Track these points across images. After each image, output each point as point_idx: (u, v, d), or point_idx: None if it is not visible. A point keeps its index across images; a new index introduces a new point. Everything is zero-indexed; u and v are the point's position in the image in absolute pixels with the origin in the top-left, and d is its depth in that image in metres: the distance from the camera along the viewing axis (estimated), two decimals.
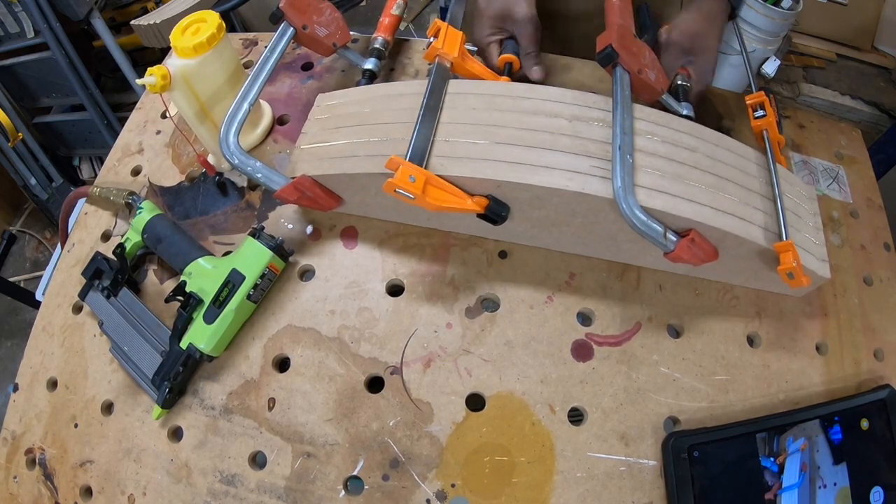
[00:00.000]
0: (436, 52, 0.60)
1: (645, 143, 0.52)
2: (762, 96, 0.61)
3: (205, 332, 0.54)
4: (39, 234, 1.90)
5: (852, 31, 1.64)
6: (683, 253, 0.50)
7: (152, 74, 0.54)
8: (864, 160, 0.72)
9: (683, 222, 0.49)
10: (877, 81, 1.63)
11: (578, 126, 0.52)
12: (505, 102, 0.54)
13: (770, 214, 0.52)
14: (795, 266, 0.49)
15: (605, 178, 0.49)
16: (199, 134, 0.63)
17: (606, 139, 0.51)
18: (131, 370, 0.56)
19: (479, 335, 0.56)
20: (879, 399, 0.52)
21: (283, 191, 0.55)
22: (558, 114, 0.53)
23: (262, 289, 0.57)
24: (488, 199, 0.52)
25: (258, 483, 0.51)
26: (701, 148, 0.53)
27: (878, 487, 0.49)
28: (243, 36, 0.81)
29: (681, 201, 0.49)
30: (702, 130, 0.54)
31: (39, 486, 0.55)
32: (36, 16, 1.40)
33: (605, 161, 0.50)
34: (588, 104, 0.54)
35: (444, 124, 0.53)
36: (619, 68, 0.55)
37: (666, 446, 0.51)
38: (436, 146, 0.52)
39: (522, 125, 0.52)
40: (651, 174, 0.50)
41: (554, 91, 0.55)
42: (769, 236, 0.51)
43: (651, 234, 0.49)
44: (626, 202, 0.47)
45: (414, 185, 0.48)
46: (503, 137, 0.52)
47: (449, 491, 0.50)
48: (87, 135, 1.71)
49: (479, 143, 0.51)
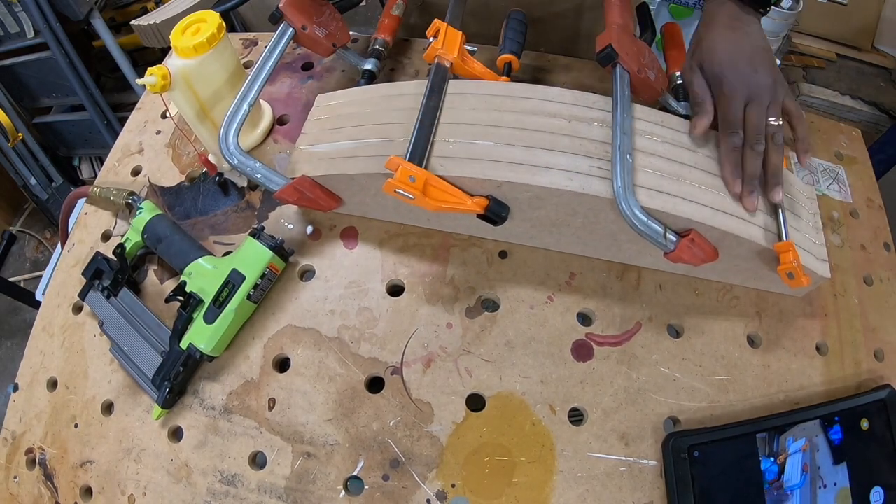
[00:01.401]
0: (435, 52, 0.59)
1: (645, 142, 0.52)
2: None
3: (205, 333, 0.54)
4: (39, 234, 1.90)
5: (852, 31, 1.64)
6: (683, 253, 0.50)
7: (153, 74, 0.54)
8: (864, 160, 0.72)
9: (683, 222, 0.49)
10: (877, 81, 1.63)
11: (578, 126, 0.52)
12: (504, 102, 0.54)
13: (770, 214, 0.52)
14: (795, 266, 0.49)
15: (605, 178, 0.49)
16: (200, 134, 0.63)
17: (606, 139, 0.51)
18: (131, 370, 0.56)
19: (480, 335, 0.56)
20: (879, 399, 0.52)
21: (283, 191, 0.55)
22: (558, 114, 0.53)
23: (262, 289, 0.57)
24: (488, 200, 0.52)
25: (258, 483, 0.51)
26: (701, 147, 0.53)
27: (878, 487, 0.49)
28: (243, 36, 0.81)
29: (680, 201, 0.49)
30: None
31: (39, 486, 0.55)
32: (36, 16, 1.40)
33: (605, 161, 0.50)
34: (588, 104, 0.54)
35: (444, 125, 0.53)
36: (619, 67, 0.55)
37: (666, 446, 0.51)
38: (435, 146, 0.52)
39: (522, 125, 0.52)
40: (651, 174, 0.50)
41: (553, 91, 0.54)
42: (769, 236, 0.51)
43: (651, 235, 0.49)
44: (626, 202, 0.47)
45: (413, 185, 0.48)
46: (503, 138, 0.51)
47: (449, 491, 0.50)
48: (87, 135, 1.71)
49: (479, 144, 0.51)
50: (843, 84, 1.60)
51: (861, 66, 1.64)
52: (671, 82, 0.64)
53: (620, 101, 0.52)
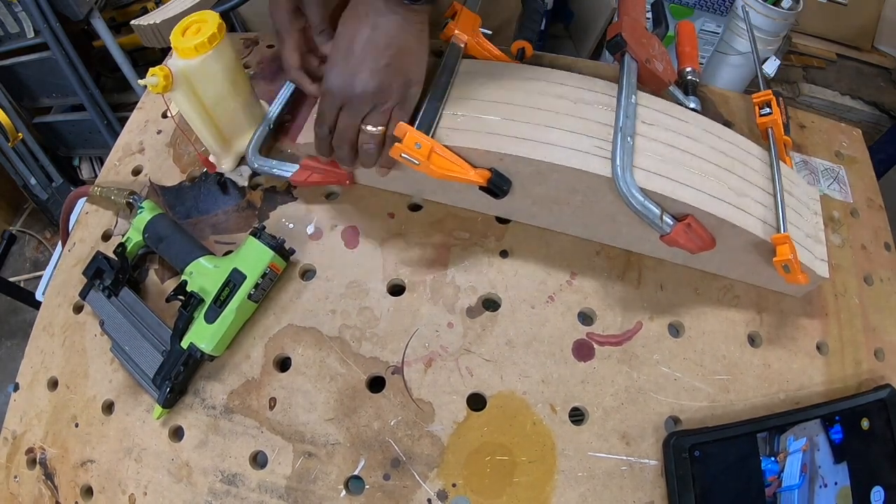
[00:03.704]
0: (451, 31, 0.61)
1: (648, 129, 0.53)
2: (769, 95, 0.62)
3: (206, 332, 0.54)
4: (39, 234, 1.90)
5: (852, 31, 1.64)
6: (679, 237, 0.51)
7: (154, 75, 0.54)
8: (864, 160, 0.72)
9: (681, 206, 0.50)
10: (877, 81, 1.63)
11: (583, 108, 0.54)
12: (513, 83, 0.56)
13: (769, 208, 0.53)
14: (791, 259, 0.49)
15: (605, 157, 0.51)
16: (201, 133, 0.63)
17: (609, 122, 0.53)
18: (132, 370, 0.56)
19: (481, 335, 0.56)
20: (880, 399, 0.52)
21: (296, 175, 0.59)
22: (564, 95, 0.55)
23: (263, 288, 0.57)
24: (491, 172, 0.53)
25: (259, 483, 0.51)
26: (704, 139, 0.54)
27: (879, 487, 0.49)
28: (244, 36, 0.81)
29: (679, 186, 0.50)
30: (706, 122, 0.56)
31: (40, 485, 0.55)
32: (36, 16, 1.40)
33: (606, 142, 0.51)
34: (594, 89, 0.56)
35: (454, 99, 0.55)
36: (627, 56, 0.57)
37: (667, 446, 0.51)
38: (443, 119, 0.54)
39: (528, 104, 0.54)
40: (651, 157, 0.51)
41: (561, 74, 0.57)
42: (767, 229, 0.52)
43: (648, 215, 0.50)
44: (624, 181, 0.49)
45: (419, 151, 0.50)
46: (509, 114, 0.53)
47: (450, 490, 0.50)
48: (87, 135, 1.71)
49: (485, 118, 0.53)
50: (843, 84, 1.60)
51: (861, 66, 1.64)
52: (681, 77, 0.65)
53: (626, 87, 0.54)
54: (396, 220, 0.63)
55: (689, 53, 0.67)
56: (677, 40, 0.69)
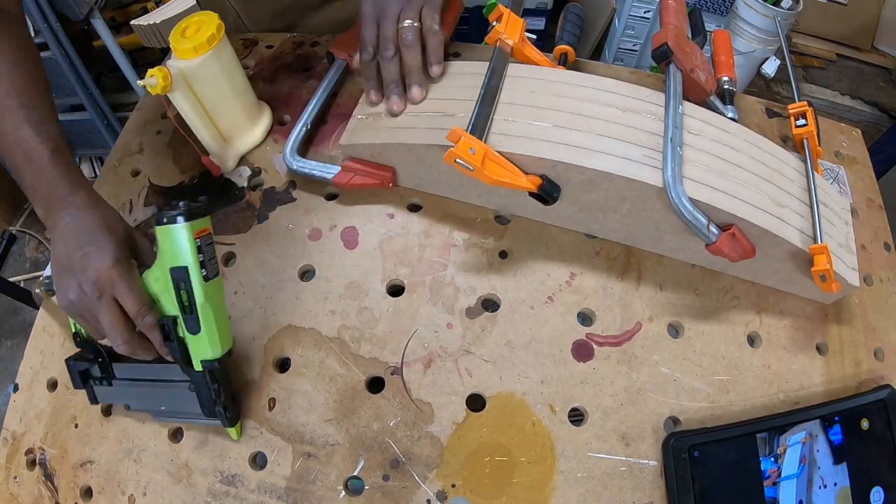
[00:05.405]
0: (497, 35, 0.60)
1: (692, 139, 0.53)
2: (805, 106, 0.63)
3: (202, 343, 0.49)
4: (39, 234, 1.90)
5: (852, 31, 1.64)
6: (724, 246, 0.51)
7: (153, 76, 0.54)
8: (864, 160, 0.72)
9: (726, 216, 0.50)
10: (877, 81, 1.63)
11: (631, 117, 0.54)
12: (561, 88, 0.56)
13: (806, 218, 0.53)
14: (829, 269, 0.50)
15: (656, 167, 0.51)
16: (200, 134, 0.63)
17: (657, 131, 0.53)
18: (189, 420, 0.53)
19: (480, 335, 0.56)
20: (879, 399, 0.52)
21: (338, 177, 0.60)
22: (612, 103, 0.54)
23: (211, 261, 0.49)
24: (542, 179, 0.53)
25: (258, 483, 0.51)
26: (744, 149, 0.54)
27: (879, 487, 0.49)
28: (243, 36, 0.81)
29: (724, 196, 0.50)
30: (746, 132, 0.56)
31: (39, 486, 0.55)
32: (36, 16, 1.40)
33: (656, 151, 0.51)
34: (641, 97, 0.55)
35: (503, 104, 0.55)
36: (673, 65, 0.57)
37: (666, 446, 0.51)
38: (494, 124, 0.54)
39: (578, 111, 0.54)
40: (697, 168, 0.51)
41: (609, 82, 0.56)
42: (805, 239, 0.52)
43: (696, 224, 0.50)
44: (676, 191, 0.49)
45: (474, 157, 0.49)
46: (559, 121, 0.53)
47: (449, 491, 0.50)
48: (87, 135, 1.71)
49: (537, 125, 0.53)
50: (843, 84, 1.60)
51: (861, 66, 1.64)
52: (719, 86, 0.65)
53: (673, 96, 0.54)
54: (396, 220, 0.63)
55: (725, 62, 0.67)
56: (713, 49, 0.69)
